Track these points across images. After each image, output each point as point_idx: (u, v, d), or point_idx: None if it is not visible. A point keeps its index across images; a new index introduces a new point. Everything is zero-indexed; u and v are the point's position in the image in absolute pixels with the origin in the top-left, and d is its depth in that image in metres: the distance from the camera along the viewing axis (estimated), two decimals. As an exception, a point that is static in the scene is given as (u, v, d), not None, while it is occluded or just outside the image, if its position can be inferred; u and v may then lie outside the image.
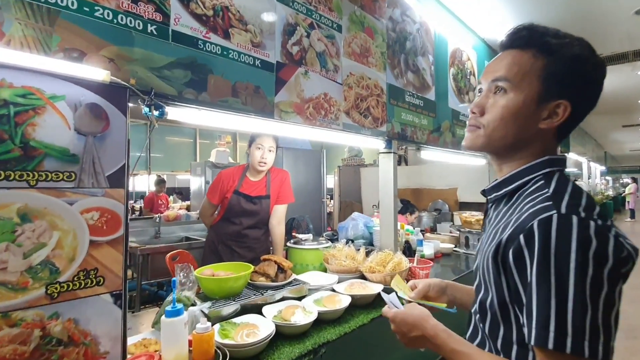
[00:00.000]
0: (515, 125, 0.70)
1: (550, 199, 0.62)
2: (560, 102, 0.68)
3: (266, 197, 2.08)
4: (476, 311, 0.74)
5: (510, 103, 0.69)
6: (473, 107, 0.75)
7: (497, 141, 0.72)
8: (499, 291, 0.66)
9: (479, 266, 0.74)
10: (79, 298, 0.95)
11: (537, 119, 0.69)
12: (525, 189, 0.70)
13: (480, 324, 0.73)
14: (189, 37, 1.16)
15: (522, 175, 0.72)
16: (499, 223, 0.70)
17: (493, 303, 0.67)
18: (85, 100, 0.96)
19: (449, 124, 2.73)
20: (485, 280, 0.70)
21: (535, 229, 0.58)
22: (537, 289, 0.57)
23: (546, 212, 0.59)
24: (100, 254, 0.98)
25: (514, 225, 0.63)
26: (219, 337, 1.14)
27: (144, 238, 3.65)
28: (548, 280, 0.56)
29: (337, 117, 1.73)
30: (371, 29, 1.97)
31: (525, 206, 0.65)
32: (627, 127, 8.50)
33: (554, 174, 0.69)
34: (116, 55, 1.01)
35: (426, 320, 0.77)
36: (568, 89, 0.68)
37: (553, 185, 0.66)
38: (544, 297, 0.56)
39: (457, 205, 4.15)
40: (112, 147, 0.99)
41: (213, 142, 7.80)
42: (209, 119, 1.26)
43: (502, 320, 0.67)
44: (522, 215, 0.63)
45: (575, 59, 0.67)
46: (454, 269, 2.33)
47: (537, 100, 0.68)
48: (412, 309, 0.82)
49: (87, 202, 0.96)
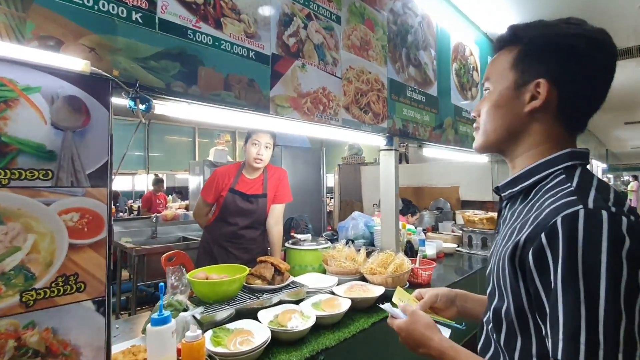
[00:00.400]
0: (500, 115, 0.70)
1: (575, 193, 0.56)
2: (539, 81, 0.65)
3: (263, 195, 2.01)
4: (489, 320, 0.68)
5: (493, 97, 0.71)
6: (473, 110, 0.79)
7: (491, 135, 0.72)
8: (516, 298, 0.59)
9: (493, 270, 0.67)
10: (58, 306, 0.89)
11: (521, 104, 0.68)
12: (543, 184, 0.64)
13: (494, 335, 0.66)
14: (177, 26, 1.09)
15: (541, 169, 0.66)
16: (515, 222, 0.64)
17: (509, 311, 0.61)
18: (63, 92, 0.89)
19: (451, 121, 2.65)
20: (500, 285, 0.63)
21: (559, 226, 0.52)
22: (564, 295, 0.50)
23: (571, 207, 0.53)
24: (80, 258, 0.91)
25: (534, 223, 0.57)
26: (211, 344, 1.08)
27: (141, 238, 3.59)
28: (576, 284, 0.50)
29: (336, 112, 1.66)
30: (371, 21, 1.89)
31: (545, 202, 0.59)
32: (630, 124, 8.40)
33: (575, 168, 0.63)
34: (97, 45, 0.94)
35: (430, 338, 0.72)
36: (543, 67, 0.65)
37: (576, 179, 0.60)
38: (571, 305, 0.49)
39: (459, 203, 4.08)
40: (94, 143, 0.92)
41: (212, 141, 7.74)
42: (200, 114, 1.19)
43: (519, 331, 0.60)
44: (543, 212, 0.57)
45: (547, 36, 0.66)
46: (457, 270, 2.27)
47: (514, 87, 0.68)
48: (417, 321, 0.76)
49: (66, 203, 0.89)
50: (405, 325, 0.77)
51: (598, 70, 0.64)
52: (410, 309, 0.81)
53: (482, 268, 2.31)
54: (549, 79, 0.64)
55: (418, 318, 0.78)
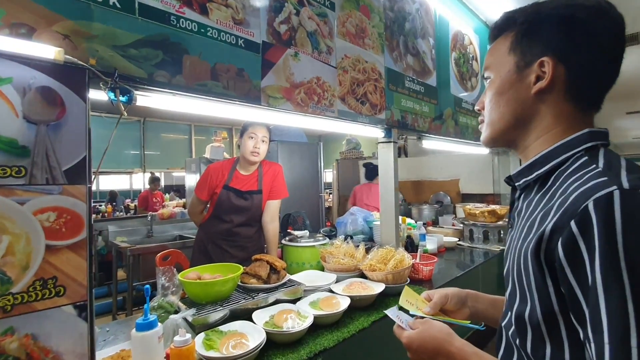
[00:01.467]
0: (504, 101, 0.65)
1: (605, 173, 0.49)
2: (542, 60, 0.60)
3: (258, 192, 1.95)
4: (509, 325, 0.61)
5: (495, 84, 0.67)
6: (477, 105, 0.74)
7: (497, 124, 0.67)
8: (543, 299, 0.52)
9: (511, 269, 0.60)
10: (37, 311, 0.83)
11: (526, 86, 0.63)
12: (563, 169, 0.57)
13: (517, 341, 0.59)
14: (159, 11, 1.02)
15: (559, 152, 0.59)
16: (535, 213, 0.57)
17: (534, 315, 0.54)
18: (35, 83, 0.83)
19: (451, 112, 2.59)
20: (522, 286, 0.56)
21: (592, 210, 0.46)
22: (606, 292, 0.44)
23: (604, 188, 0.46)
24: (59, 261, 0.85)
25: (560, 211, 0.50)
26: (203, 348, 1.02)
27: (136, 237, 3.54)
28: (619, 278, 0.43)
29: (332, 103, 1.59)
30: (367, 7, 1.82)
31: (570, 187, 0.52)
32: (631, 113, 8.32)
33: (598, 149, 0.57)
34: (72, 31, 0.88)
35: (450, 342, 0.64)
36: (544, 44, 0.61)
37: (602, 159, 0.53)
38: (617, 302, 0.43)
39: (460, 197, 4.03)
40: (70, 137, 0.86)
41: (209, 137, 7.67)
42: (186, 106, 1.12)
43: (548, 336, 0.53)
44: (570, 197, 0.50)
45: (543, 12, 0.61)
46: (459, 264, 2.22)
47: (516, 70, 0.64)
48: (430, 328, 0.68)
49: (41, 201, 0.83)
50: (417, 335, 0.68)
51: (604, 39, 0.58)
52: (419, 321, 0.72)
53: (484, 262, 2.26)
54: (553, 55, 0.59)
55: (430, 324, 0.69)
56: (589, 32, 0.58)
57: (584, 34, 0.58)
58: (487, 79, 0.70)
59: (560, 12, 0.59)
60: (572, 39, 0.58)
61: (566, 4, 0.59)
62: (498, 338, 0.67)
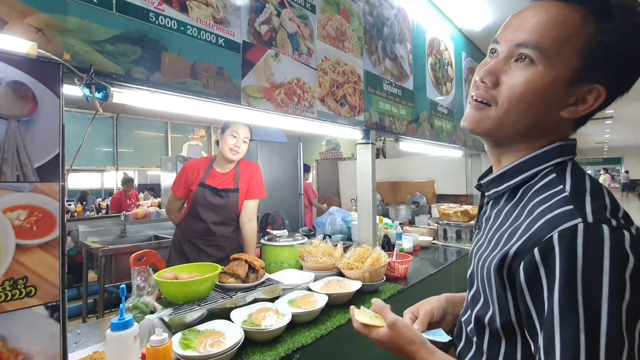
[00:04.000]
0: (534, 110, 0.55)
1: (570, 200, 0.50)
2: (594, 87, 0.53)
3: (234, 190, 1.94)
4: (469, 322, 0.64)
5: (538, 80, 0.53)
6: (485, 74, 0.58)
7: (508, 126, 0.57)
8: (502, 310, 0.54)
9: (476, 274, 0.62)
10: (6, 312, 0.81)
11: (562, 105, 0.55)
12: (531, 183, 0.57)
13: (475, 338, 0.62)
14: (137, 7, 1.01)
15: (529, 166, 0.58)
16: (503, 227, 0.58)
17: (494, 320, 0.56)
18: (6, 77, 0.80)
19: (427, 115, 2.67)
20: (485, 293, 0.59)
21: (556, 243, 0.46)
22: (562, 320, 0.45)
23: (568, 220, 0.47)
24: (30, 260, 0.83)
25: (525, 235, 0.51)
26: (180, 348, 1.02)
27: (108, 238, 3.42)
28: (575, 310, 0.45)
29: (312, 104, 1.61)
30: (347, 11, 1.85)
31: (536, 208, 0.52)
32: (594, 119, 8.84)
33: (566, 165, 0.57)
34: (45, 25, 0.86)
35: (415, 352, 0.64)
36: (610, 72, 0.53)
37: (569, 180, 0.53)
38: (570, 332, 0.45)
39: (435, 197, 4.15)
40: (42, 133, 0.84)
41: (186, 135, 7.51)
42: (165, 104, 1.11)
43: (504, 337, 0.56)
44: (536, 222, 0.50)
45: (634, 31, 0.51)
46: (433, 262, 2.29)
47: (570, 81, 0.53)
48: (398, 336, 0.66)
49: (11, 199, 0.80)
50: (386, 338, 0.67)
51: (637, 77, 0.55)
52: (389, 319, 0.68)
53: (457, 260, 2.34)
54: (606, 87, 0.53)
55: (400, 332, 0.67)
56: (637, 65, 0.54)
57: (634, 68, 0.54)
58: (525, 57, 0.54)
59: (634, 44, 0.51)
60: (625, 74, 0.54)
61: None
62: (457, 330, 0.70)
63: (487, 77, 0.57)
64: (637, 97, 5.94)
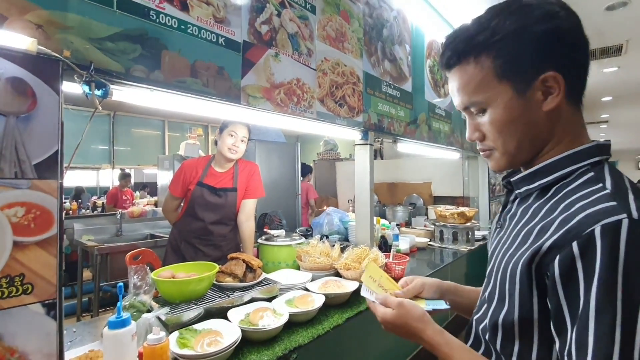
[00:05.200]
0: (519, 128, 0.60)
1: (613, 197, 0.50)
2: (545, 77, 0.57)
3: (232, 189, 1.94)
4: (481, 320, 0.64)
5: (495, 117, 0.61)
6: (470, 135, 0.68)
7: (517, 152, 0.63)
8: (523, 305, 0.55)
9: (496, 271, 0.61)
10: (2, 309, 0.80)
11: (536, 106, 0.59)
12: (566, 182, 0.58)
13: (486, 336, 0.62)
14: (138, 5, 1.01)
15: (565, 164, 0.59)
16: (532, 223, 0.58)
17: (510, 317, 0.56)
18: (5, 73, 0.79)
19: (425, 117, 2.68)
20: (502, 289, 0.59)
21: (598, 236, 0.46)
22: (597, 315, 0.45)
23: (612, 215, 0.47)
24: (27, 258, 0.82)
25: (562, 228, 0.50)
26: (177, 347, 1.02)
27: (104, 236, 3.40)
28: (613, 305, 0.44)
29: (311, 105, 1.62)
30: (347, 12, 1.86)
31: (574, 204, 0.52)
32: (589, 124, 8.90)
33: (602, 164, 0.57)
34: (45, 21, 0.85)
35: (422, 330, 0.66)
36: (541, 61, 0.58)
37: (608, 178, 0.54)
38: (606, 327, 0.44)
39: (432, 199, 4.17)
40: (41, 130, 0.83)
41: (183, 134, 7.47)
42: (164, 102, 1.11)
43: (519, 337, 0.56)
44: (575, 217, 0.50)
45: (519, 31, 0.58)
46: (430, 263, 2.30)
47: (517, 94, 0.59)
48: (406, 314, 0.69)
49: (9, 196, 0.80)
50: (392, 318, 0.70)
51: (581, 37, 0.59)
52: (395, 301, 0.72)
53: (453, 261, 2.36)
54: (554, 69, 0.57)
55: (407, 310, 0.69)
56: (573, 37, 0.58)
57: (571, 40, 0.58)
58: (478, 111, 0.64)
59: (542, 28, 0.57)
60: (564, 49, 0.58)
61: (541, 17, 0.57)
62: (468, 328, 0.70)
63: (472, 135, 0.67)
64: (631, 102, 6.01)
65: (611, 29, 3.22)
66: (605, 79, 4.93)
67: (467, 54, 0.62)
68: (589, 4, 2.80)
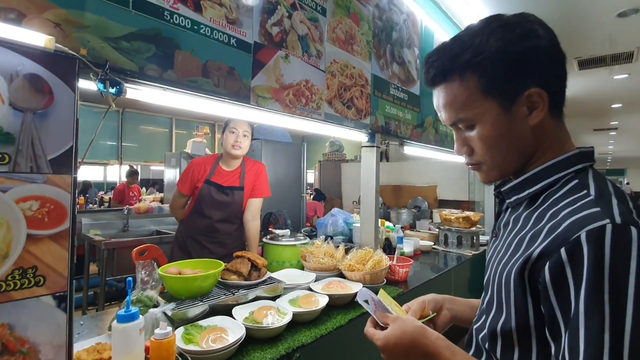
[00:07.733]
0: (506, 142, 0.63)
1: (597, 203, 0.51)
2: (529, 93, 0.59)
3: (239, 188, 1.96)
4: (480, 329, 0.65)
5: (484, 133, 0.63)
6: (457, 149, 0.70)
7: (505, 165, 0.65)
8: (519, 313, 0.56)
9: (492, 280, 0.63)
10: (14, 300, 0.82)
11: (522, 121, 0.61)
12: (553, 190, 0.59)
13: (486, 345, 0.63)
14: (153, 5, 1.03)
15: (550, 172, 0.61)
16: (523, 232, 0.59)
17: (508, 325, 0.58)
18: (23, 70, 0.82)
19: (432, 120, 2.68)
20: (499, 297, 0.60)
21: (584, 242, 0.48)
22: (587, 318, 0.46)
23: (596, 221, 0.49)
24: (40, 250, 0.84)
25: (550, 236, 0.52)
26: (182, 342, 1.03)
27: (111, 231, 3.44)
28: (601, 308, 0.46)
29: (319, 106, 1.63)
30: (357, 15, 1.87)
31: (561, 212, 0.54)
32: (598, 130, 8.82)
33: (587, 171, 0.59)
34: (63, 20, 0.87)
35: (424, 335, 0.65)
36: (525, 78, 0.59)
37: (592, 184, 0.56)
38: (595, 330, 0.46)
39: (437, 202, 4.16)
40: (57, 126, 0.85)
41: (190, 132, 7.54)
42: (176, 101, 1.13)
43: (518, 344, 0.57)
44: (561, 224, 0.52)
45: (501, 50, 0.59)
46: (434, 267, 2.30)
47: (503, 110, 0.61)
48: (403, 324, 0.67)
49: (25, 190, 0.82)
50: (392, 333, 0.67)
51: (558, 51, 0.61)
52: (391, 317, 0.70)
53: (457, 266, 2.35)
54: (537, 85, 0.59)
55: (402, 321, 0.68)
56: (553, 53, 0.61)
57: (551, 56, 0.61)
58: (466, 127, 0.66)
59: (524, 47, 0.59)
60: (545, 65, 0.60)
61: (522, 36, 0.59)
62: (468, 338, 0.71)
63: (461, 150, 0.69)
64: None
65: (622, 36, 3.20)
66: (615, 86, 4.88)
67: (453, 72, 0.63)
68: (600, 11, 2.78)
